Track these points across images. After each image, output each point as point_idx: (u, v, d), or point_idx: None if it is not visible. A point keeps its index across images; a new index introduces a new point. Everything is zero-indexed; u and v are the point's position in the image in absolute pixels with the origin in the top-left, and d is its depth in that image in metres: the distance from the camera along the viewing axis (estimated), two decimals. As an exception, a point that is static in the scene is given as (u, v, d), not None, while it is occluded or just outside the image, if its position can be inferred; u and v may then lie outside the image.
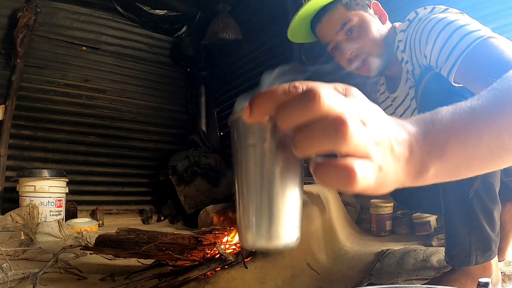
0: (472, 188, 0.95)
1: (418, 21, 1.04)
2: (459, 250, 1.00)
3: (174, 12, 4.27)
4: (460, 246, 1.00)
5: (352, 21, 1.14)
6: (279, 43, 3.41)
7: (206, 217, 2.40)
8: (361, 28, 1.15)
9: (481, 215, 0.96)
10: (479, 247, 0.98)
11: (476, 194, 0.95)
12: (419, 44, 1.01)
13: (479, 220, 0.97)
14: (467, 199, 0.96)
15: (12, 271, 1.45)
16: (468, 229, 0.98)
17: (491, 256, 0.99)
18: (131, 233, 2.02)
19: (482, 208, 0.96)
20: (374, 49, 1.16)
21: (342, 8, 1.15)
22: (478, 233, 0.97)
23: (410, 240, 1.92)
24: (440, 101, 0.94)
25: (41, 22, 3.56)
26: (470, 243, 0.98)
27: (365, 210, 2.46)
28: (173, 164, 3.54)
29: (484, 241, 0.98)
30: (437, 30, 0.94)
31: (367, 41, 1.15)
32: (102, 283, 1.61)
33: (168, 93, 4.44)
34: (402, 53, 1.11)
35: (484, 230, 0.97)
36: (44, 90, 3.60)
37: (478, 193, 0.95)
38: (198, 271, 1.45)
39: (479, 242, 0.98)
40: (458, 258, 1.01)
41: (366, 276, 1.49)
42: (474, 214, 0.96)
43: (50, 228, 2.57)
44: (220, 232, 2.07)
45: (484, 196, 0.96)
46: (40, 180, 2.86)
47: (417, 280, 1.31)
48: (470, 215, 0.97)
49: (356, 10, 1.15)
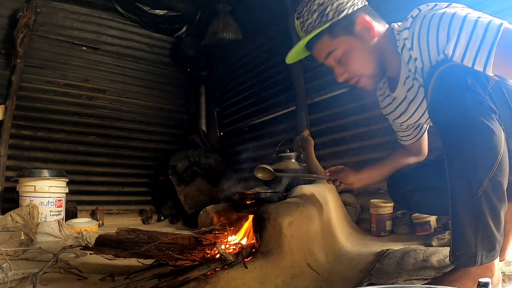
0: (481, 187, 0.94)
1: (423, 17, 1.02)
2: (465, 250, 0.99)
3: (174, 12, 4.27)
4: (466, 246, 0.98)
5: (337, 50, 1.17)
6: (279, 43, 3.41)
7: (206, 217, 2.40)
8: (347, 56, 1.17)
9: (488, 214, 0.95)
10: (484, 247, 0.96)
11: (484, 193, 0.94)
12: (435, 39, 0.98)
13: (486, 220, 0.95)
14: (475, 198, 0.95)
15: (12, 271, 1.45)
16: (475, 228, 0.96)
17: (495, 256, 0.98)
18: (131, 233, 2.02)
19: (489, 207, 0.95)
20: (364, 70, 1.18)
21: (327, 38, 1.16)
22: (484, 232, 0.96)
23: (410, 240, 1.92)
24: (454, 96, 0.96)
25: (41, 22, 3.56)
26: (476, 243, 0.96)
27: (365, 210, 2.46)
28: (173, 164, 3.54)
29: (489, 241, 0.96)
30: (457, 25, 0.94)
31: (355, 66, 1.18)
32: (102, 283, 1.61)
33: (168, 93, 4.44)
34: (410, 51, 1.08)
35: (490, 230, 0.96)
36: (44, 90, 3.60)
37: (487, 192, 0.94)
38: (198, 271, 1.45)
39: (485, 242, 0.96)
40: (463, 258, 0.99)
41: (366, 276, 1.49)
42: (481, 214, 0.95)
43: (50, 228, 2.57)
44: (220, 232, 2.07)
45: (493, 195, 0.94)
46: (40, 180, 2.86)
47: (417, 280, 1.31)
48: (477, 214, 0.95)
49: (341, 36, 1.15)
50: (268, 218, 1.78)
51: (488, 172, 0.93)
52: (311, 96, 3.00)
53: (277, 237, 1.71)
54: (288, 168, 2.44)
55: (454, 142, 0.97)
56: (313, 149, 2.79)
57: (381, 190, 2.42)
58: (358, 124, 2.61)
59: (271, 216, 1.78)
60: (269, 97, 3.47)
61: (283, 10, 3.28)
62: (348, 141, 2.67)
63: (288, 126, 3.18)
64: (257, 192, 2.19)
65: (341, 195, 2.50)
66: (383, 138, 2.43)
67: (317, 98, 2.95)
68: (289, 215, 1.78)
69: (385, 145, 2.41)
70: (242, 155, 3.84)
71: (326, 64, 1.23)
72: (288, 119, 3.20)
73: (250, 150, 3.70)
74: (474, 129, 0.93)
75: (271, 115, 3.45)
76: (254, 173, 1.75)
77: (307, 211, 1.90)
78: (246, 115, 3.81)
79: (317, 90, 2.95)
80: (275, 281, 1.53)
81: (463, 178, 0.97)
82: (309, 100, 3.01)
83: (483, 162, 0.94)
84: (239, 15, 3.93)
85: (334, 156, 2.76)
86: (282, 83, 3.32)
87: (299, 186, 2.25)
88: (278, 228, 1.72)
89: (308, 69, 3.05)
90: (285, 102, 3.26)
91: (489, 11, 1.01)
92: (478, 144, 0.93)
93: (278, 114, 3.36)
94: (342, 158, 2.70)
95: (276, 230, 1.73)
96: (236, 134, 3.97)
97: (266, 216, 1.81)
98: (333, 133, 2.79)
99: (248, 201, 2.10)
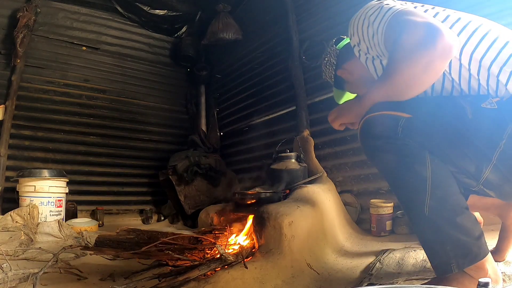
0: (425, 206, 1.00)
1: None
2: (438, 261, 1.03)
3: (174, 12, 4.27)
4: (438, 257, 1.03)
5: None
6: (279, 43, 3.41)
7: (206, 217, 2.40)
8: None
9: (446, 227, 0.99)
10: (457, 254, 0.99)
11: (431, 210, 1.00)
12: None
13: (446, 232, 0.99)
14: (426, 217, 1.01)
15: (12, 271, 1.45)
16: (440, 241, 1.01)
17: (477, 258, 0.99)
18: (131, 233, 2.02)
19: (443, 220, 0.99)
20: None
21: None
22: (450, 242, 0.99)
23: (410, 240, 1.92)
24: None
25: (41, 22, 3.56)
26: (447, 252, 0.99)
27: (365, 210, 2.46)
28: (173, 164, 3.54)
29: (461, 247, 0.99)
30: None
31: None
32: (102, 283, 1.61)
33: (168, 93, 4.44)
34: (358, 47, 1.25)
35: (455, 239, 0.99)
36: (44, 90, 3.60)
37: (432, 209, 1.00)
38: (198, 271, 1.45)
39: (455, 250, 0.99)
40: (440, 268, 1.03)
41: (366, 276, 1.49)
42: (439, 228, 1.00)
43: (50, 228, 2.57)
44: (220, 232, 2.07)
45: (440, 209, 1.00)
46: (40, 180, 2.86)
47: (417, 280, 1.31)
48: (436, 229, 1.00)
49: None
50: (268, 218, 1.78)
51: (425, 193, 1.00)
52: (311, 96, 3.00)
53: (277, 237, 1.71)
54: (288, 168, 2.44)
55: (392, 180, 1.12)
56: (313, 149, 2.79)
57: (381, 190, 2.42)
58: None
59: (271, 216, 1.78)
60: (269, 97, 3.47)
61: (283, 10, 3.28)
62: (348, 141, 2.67)
63: (288, 126, 3.18)
64: (257, 192, 2.19)
65: (341, 195, 2.50)
66: (383, 138, 2.43)
67: (317, 98, 2.95)
68: (289, 215, 1.78)
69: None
70: (242, 155, 3.85)
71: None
72: (288, 119, 3.20)
73: (250, 150, 3.71)
74: (400, 170, 1.06)
75: (271, 115, 3.45)
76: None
77: (307, 211, 1.90)
78: (246, 115, 3.81)
79: (317, 90, 2.95)
80: (275, 281, 1.53)
81: (410, 203, 1.07)
82: (309, 100, 3.01)
83: (416, 190, 1.03)
84: (239, 15, 3.93)
85: (334, 156, 2.76)
86: (282, 83, 3.32)
87: (299, 186, 2.25)
88: (278, 228, 1.72)
89: (308, 69, 3.05)
90: (285, 102, 3.26)
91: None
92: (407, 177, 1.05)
93: (278, 114, 3.36)
94: (342, 158, 2.70)
95: (276, 230, 1.73)
96: (236, 134, 3.97)
97: (266, 216, 1.81)
98: (333, 133, 2.79)
99: (249, 201, 2.10)
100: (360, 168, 2.57)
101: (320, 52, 2.94)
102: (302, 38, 3.13)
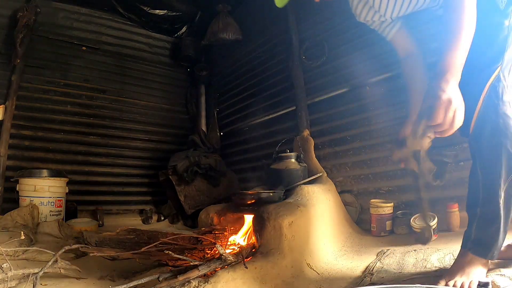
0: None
1: None
2: (486, 245, 1.14)
3: (174, 12, 4.27)
4: (490, 243, 1.14)
5: None
6: (279, 43, 3.41)
7: (206, 217, 2.40)
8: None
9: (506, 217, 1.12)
10: (498, 247, 1.14)
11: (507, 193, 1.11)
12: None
13: (505, 222, 1.12)
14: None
15: (12, 271, 1.45)
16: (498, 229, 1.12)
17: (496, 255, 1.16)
18: (131, 233, 2.02)
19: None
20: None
21: None
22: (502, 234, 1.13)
23: (410, 240, 1.92)
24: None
25: (41, 22, 3.56)
26: (498, 241, 1.13)
27: (365, 210, 2.46)
28: (173, 164, 3.54)
29: (498, 241, 1.14)
30: None
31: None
32: (102, 283, 1.61)
33: (168, 93, 4.44)
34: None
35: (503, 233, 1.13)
36: (44, 90, 3.60)
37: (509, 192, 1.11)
38: (198, 271, 1.45)
39: (499, 242, 1.13)
40: (482, 250, 1.15)
41: (366, 276, 1.49)
42: (504, 215, 1.12)
43: (50, 228, 2.57)
44: (220, 232, 2.07)
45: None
46: (40, 180, 2.86)
47: (418, 279, 1.31)
48: (506, 214, 1.12)
49: None
50: (268, 218, 1.78)
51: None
52: (311, 96, 3.00)
53: (277, 237, 1.71)
54: (288, 168, 2.44)
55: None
56: (313, 149, 2.79)
57: (381, 190, 2.43)
58: (358, 124, 2.61)
59: (271, 216, 1.78)
60: (269, 97, 3.47)
61: (283, 10, 3.25)
62: (348, 141, 2.67)
63: (288, 126, 3.18)
64: (258, 192, 2.19)
65: (341, 195, 2.50)
66: (383, 138, 2.43)
67: (317, 98, 2.95)
68: (289, 215, 1.78)
69: (385, 145, 2.41)
70: (242, 155, 3.85)
71: None
72: (288, 119, 3.20)
73: (250, 150, 3.70)
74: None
75: (271, 115, 3.45)
76: None
77: (307, 211, 1.90)
78: (246, 115, 3.81)
79: (317, 90, 2.95)
80: (275, 281, 1.53)
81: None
82: (309, 100, 3.01)
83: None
84: (239, 15, 3.93)
85: (334, 156, 2.76)
86: (282, 83, 3.32)
87: (299, 186, 2.25)
88: (278, 228, 1.72)
89: (308, 69, 3.05)
90: (285, 102, 3.26)
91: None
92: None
93: (278, 114, 3.36)
94: (342, 158, 2.70)
95: (276, 230, 1.73)
96: (236, 134, 3.97)
97: (266, 216, 1.81)
98: (333, 133, 2.79)
99: (249, 201, 2.10)
100: (360, 168, 2.57)
101: (320, 52, 2.94)
102: (302, 38, 3.13)
